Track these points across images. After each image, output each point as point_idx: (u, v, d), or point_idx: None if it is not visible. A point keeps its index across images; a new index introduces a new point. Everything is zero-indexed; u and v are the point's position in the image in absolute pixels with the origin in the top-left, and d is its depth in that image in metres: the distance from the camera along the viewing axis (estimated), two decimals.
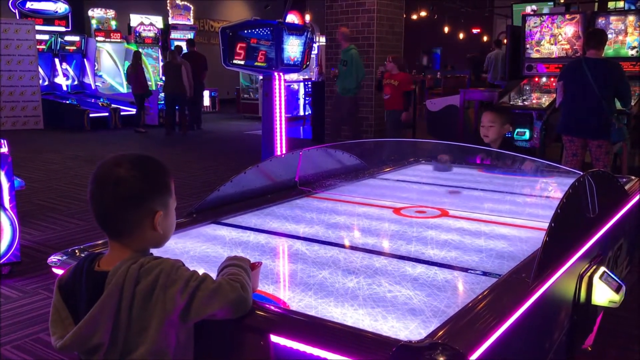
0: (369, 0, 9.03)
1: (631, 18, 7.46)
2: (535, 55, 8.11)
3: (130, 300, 1.31)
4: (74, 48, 14.11)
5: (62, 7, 13.93)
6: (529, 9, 12.38)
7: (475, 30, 24.92)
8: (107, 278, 1.33)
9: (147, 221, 1.39)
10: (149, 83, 13.56)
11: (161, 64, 15.29)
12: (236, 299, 1.36)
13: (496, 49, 12.98)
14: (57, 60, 14.04)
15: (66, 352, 1.36)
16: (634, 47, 7.42)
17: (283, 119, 5.60)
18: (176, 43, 13.90)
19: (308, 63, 5.83)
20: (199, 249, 2.04)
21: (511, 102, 7.87)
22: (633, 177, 3.04)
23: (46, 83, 13.82)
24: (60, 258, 1.83)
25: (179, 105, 11.68)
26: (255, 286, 1.56)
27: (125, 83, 14.18)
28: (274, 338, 1.38)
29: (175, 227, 2.21)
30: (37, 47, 12.68)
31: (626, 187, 2.75)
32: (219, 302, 1.34)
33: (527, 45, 8.13)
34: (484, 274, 1.78)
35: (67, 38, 13.96)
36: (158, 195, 1.41)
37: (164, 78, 12.15)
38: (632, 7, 9.26)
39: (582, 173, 2.09)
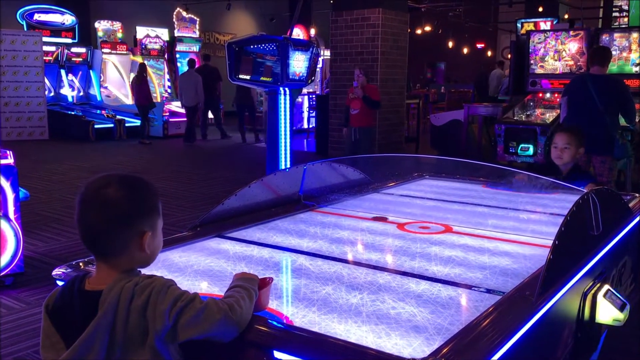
0: (374, 15, 9.07)
1: (635, 35, 7.49)
2: (539, 71, 8.14)
3: (125, 318, 1.31)
4: (80, 60, 14.21)
5: (69, 19, 14.04)
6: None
7: (479, 45, 25.03)
8: (101, 297, 1.33)
9: (135, 242, 1.39)
10: (154, 95, 13.64)
11: (167, 76, 15.47)
12: (221, 321, 1.34)
13: (498, 68, 14.33)
14: (63, 72, 14.13)
15: None
16: (638, 64, 7.44)
17: (288, 133, 5.62)
18: (190, 57, 14.29)
19: (313, 78, 5.87)
20: (202, 262, 2.04)
21: (515, 118, 7.89)
22: (637, 195, 3.03)
23: (52, 94, 13.90)
24: (64, 271, 1.83)
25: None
26: (264, 303, 1.54)
27: (130, 95, 14.27)
28: (277, 354, 1.38)
29: (180, 240, 2.25)
30: (44, 58, 12.78)
31: (630, 205, 2.75)
32: (205, 323, 1.32)
33: (532, 61, 8.16)
34: (488, 291, 1.77)
35: (74, 50, 14.07)
36: (147, 217, 1.41)
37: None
38: None
39: (585, 190, 2.09)
